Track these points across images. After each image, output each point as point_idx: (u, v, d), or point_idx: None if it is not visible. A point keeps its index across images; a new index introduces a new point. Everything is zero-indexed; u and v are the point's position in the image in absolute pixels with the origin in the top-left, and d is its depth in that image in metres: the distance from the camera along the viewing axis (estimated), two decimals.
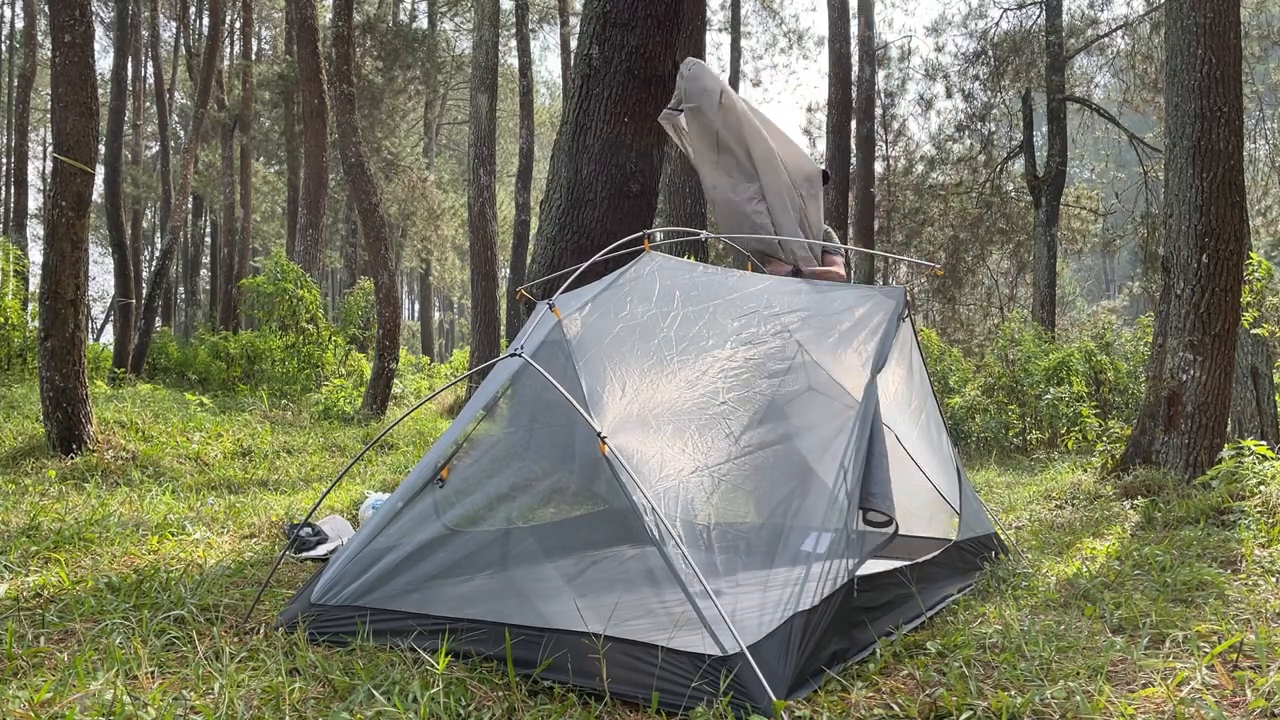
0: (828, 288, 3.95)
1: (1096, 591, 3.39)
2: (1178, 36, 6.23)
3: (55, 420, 6.43)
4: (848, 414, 3.20)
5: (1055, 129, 16.23)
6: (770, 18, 25.95)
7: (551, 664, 2.43)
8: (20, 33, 25.79)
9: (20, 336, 12.00)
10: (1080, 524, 5.20)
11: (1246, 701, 2.25)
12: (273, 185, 29.62)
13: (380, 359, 12.05)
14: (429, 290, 37.98)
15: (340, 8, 12.16)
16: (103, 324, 30.13)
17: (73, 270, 6.35)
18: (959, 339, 19.28)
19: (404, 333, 26.53)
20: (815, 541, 2.79)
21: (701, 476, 3.11)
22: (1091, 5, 18.21)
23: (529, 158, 18.06)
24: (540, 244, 5.21)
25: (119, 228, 17.32)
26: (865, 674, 2.58)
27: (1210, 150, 6.05)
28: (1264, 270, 8.13)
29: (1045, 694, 2.28)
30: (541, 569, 2.92)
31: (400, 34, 25.48)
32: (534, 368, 2.98)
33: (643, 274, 3.70)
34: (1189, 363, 6.00)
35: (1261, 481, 4.80)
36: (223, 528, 4.83)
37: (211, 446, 7.67)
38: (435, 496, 3.01)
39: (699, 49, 10.00)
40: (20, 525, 4.40)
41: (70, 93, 6.34)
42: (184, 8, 24.78)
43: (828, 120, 18.35)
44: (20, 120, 21.70)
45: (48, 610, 3.00)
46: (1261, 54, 17.30)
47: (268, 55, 32.49)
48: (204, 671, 2.42)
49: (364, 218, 12.11)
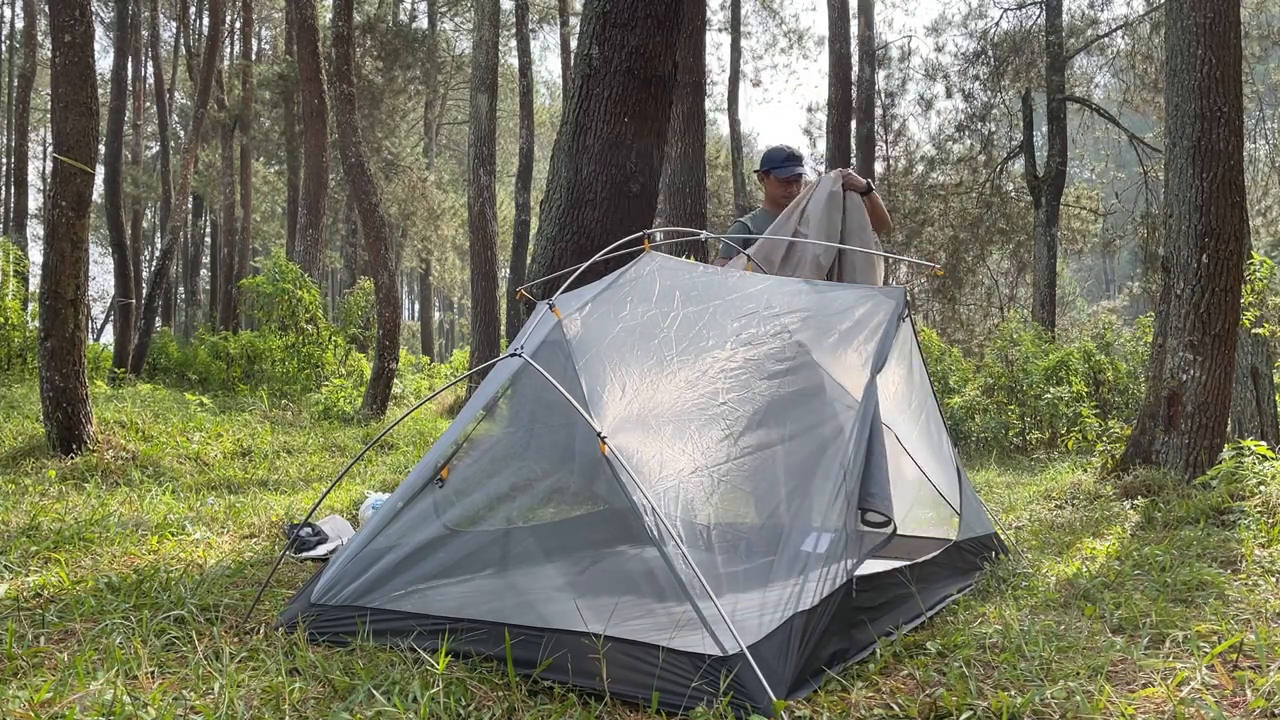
0: (828, 288, 3.95)
1: (1096, 591, 3.39)
2: (1178, 36, 6.23)
3: (55, 420, 6.43)
4: (848, 414, 3.20)
5: (1055, 129, 16.23)
6: (770, 18, 25.98)
7: (551, 664, 2.43)
8: (20, 33, 25.79)
9: (20, 336, 12.00)
10: (1080, 524, 5.20)
11: (1246, 701, 2.25)
12: (273, 185, 29.64)
13: (380, 359, 12.05)
14: (429, 290, 38.00)
15: (340, 8, 12.16)
16: (103, 324, 30.14)
17: (73, 270, 6.35)
18: (959, 339, 19.29)
19: (404, 333, 26.52)
20: (815, 541, 2.79)
21: (701, 477, 3.11)
22: (1091, 5, 18.23)
23: (529, 158, 18.06)
24: (540, 244, 5.21)
25: (119, 228, 17.33)
26: (865, 674, 2.57)
27: (1210, 150, 6.05)
28: (1266, 269, 8.13)
29: (1045, 694, 2.28)
30: (541, 569, 2.92)
31: (400, 34, 25.49)
32: (534, 368, 2.98)
33: (643, 274, 3.70)
34: (1189, 363, 6.00)
35: (1261, 481, 4.80)
36: (223, 528, 4.83)
37: (211, 446, 7.68)
38: (435, 496, 3.00)
39: (699, 49, 10.00)
40: (20, 525, 4.40)
41: (70, 93, 6.34)
42: (184, 8, 24.79)
43: (828, 120, 18.37)
44: (20, 120, 21.72)
45: (48, 610, 3.00)
46: (1261, 54, 17.32)
47: (268, 55, 32.50)
48: (204, 671, 2.42)
49: (364, 218, 12.12)
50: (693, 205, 9.55)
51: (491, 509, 3.05)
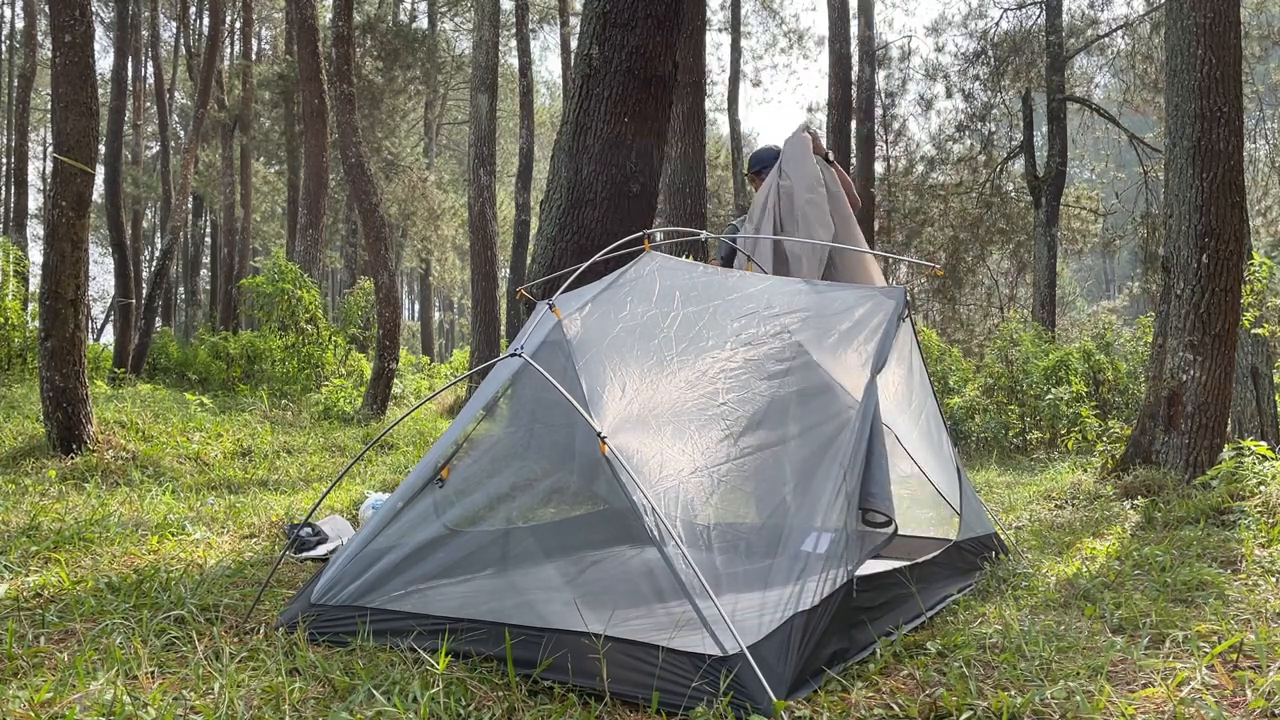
0: (828, 288, 3.95)
1: (1096, 591, 3.39)
2: (1178, 36, 6.23)
3: (55, 420, 6.43)
4: (848, 414, 3.20)
5: (1055, 129, 16.23)
6: (770, 18, 25.98)
7: (551, 664, 2.43)
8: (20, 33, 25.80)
9: (20, 336, 12.00)
10: (1080, 524, 5.20)
11: (1246, 701, 2.25)
12: (273, 185, 29.64)
13: (380, 359, 12.05)
14: (429, 290, 38.00)
15: (340, 8, 12.16)
16: (103, 324, 30.13)
17: (73, 270, 6.35)
18: (959, 339, 19.28)
19: (404, 333, 26.53)
20: (815, 541, 2.79)
21: (701, 477, 3.11)
22: (1091, 5, 18.22)
23: (529, 158, 18.06)
24: (540, 244, 5.21)
25: (119, 228, 17.33)
26: (865, 674, 2.57)
27: (1210, 150, 6.05)
28: (1265, 270, 8.13)
29: (1045, 694, 2.28)
30: (541, 569, 2.92)
31: (400, 34, 25.49)
32: (534, 368, 2.98)
33: (643, 274, 3.70)
34: (1189, 363, 6.00)
35: (1261, 481, 4.81)
36: (223, 528, 4.83)
37: (211, 446, 7.68)
38: (435, 496, 3.01)
39: (699, 49, 10.01)
40: (20, 525, 4.40)
41: (70, 93, 6.34)
42: (184, 8, 24.79)
43: (828, 120, 18.37)
44: (20, 120, 21.72)
45: (48, 610, 3.00)
46: (1261, 54, 17.31)
47: (268, 55, 32.50)
48: (204, 671, 2.42)
49: (364, 218, 12.12)
50: (693, 205, 9.56)
51: (491, 509, 3.05)
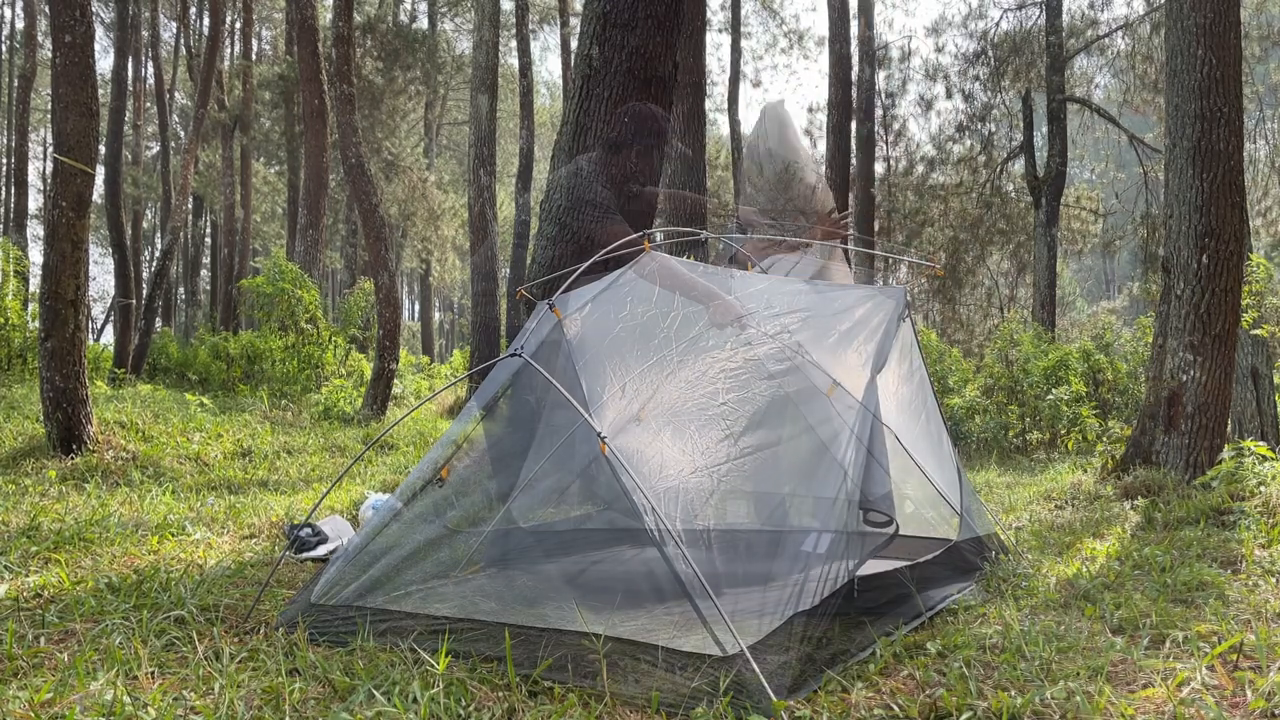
0: (828, 288, 3.95)
1: (1096, 592, 3.38)
2: (1178, 37, 6.24)
3: (55, 421, 6.43)
4: (848, 414, 3.21)
5: (1055, 129, 16.23)
6: (770, 18, 25.96)
7: (551, 664, 2.43)
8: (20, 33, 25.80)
9: (20, 336, 11.99)
10: (1080, 524, 5.20)
11: (1246, 702, 2.25)
12: (273, 185, 29.64)
13: (380, 359, 12.05)
14: (429, 290, 37.97)
15: (340, 8, 12.16)
16: (103, 324, 30.12)
17: (73, 270, 6.35)
18: (959, 339, 19.26)
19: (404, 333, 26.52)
20: (815, 542, 2.79)
21: (701, 477, 3.11)
22: (1091, 6, 18.20)
23: (529, 158, 18.05)
24: (540, 244, 5.21)
25: (119, 228, 17.32)
26: (865, 674, 2.57)
27: (1210, 151, 6.05)
28: (1263, 272, 8.13)
29: (1045, 694, 2.28)
30: (541, 569, 2.92)
31: (400, 34, 25.48)
32: (534, 368, 2.98)
33: (643, 274, 3.70)
34: (1189, 363, 6.00)
35: (1261, 482, 4.81)
36: (223, 528, 4.82)
37: (211, 447, 7.67)
38: (435, 496, 3.01)
39: (699, 49, 10.01)
40: (20, 525, 4.39)
41: (70, 93, 6.34)
42: (184, 8, 24.79)
43: (828, 121, 18.36)
44: (20, 120, 21.72)
45: (48, 610, 3.00)
46: (1261, 54, 17.30)
47: (268, 56, 32.50)
48: (204, 671, 2.42)
49: (364, 218, 12.12)
50: (692, 205, 9.56)
51: (491, 509, 3.05)
